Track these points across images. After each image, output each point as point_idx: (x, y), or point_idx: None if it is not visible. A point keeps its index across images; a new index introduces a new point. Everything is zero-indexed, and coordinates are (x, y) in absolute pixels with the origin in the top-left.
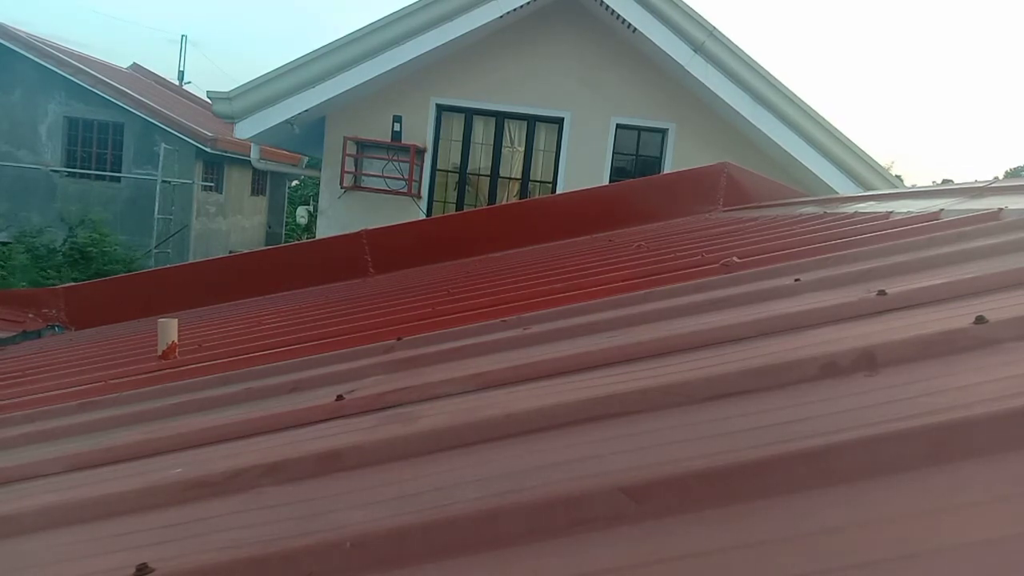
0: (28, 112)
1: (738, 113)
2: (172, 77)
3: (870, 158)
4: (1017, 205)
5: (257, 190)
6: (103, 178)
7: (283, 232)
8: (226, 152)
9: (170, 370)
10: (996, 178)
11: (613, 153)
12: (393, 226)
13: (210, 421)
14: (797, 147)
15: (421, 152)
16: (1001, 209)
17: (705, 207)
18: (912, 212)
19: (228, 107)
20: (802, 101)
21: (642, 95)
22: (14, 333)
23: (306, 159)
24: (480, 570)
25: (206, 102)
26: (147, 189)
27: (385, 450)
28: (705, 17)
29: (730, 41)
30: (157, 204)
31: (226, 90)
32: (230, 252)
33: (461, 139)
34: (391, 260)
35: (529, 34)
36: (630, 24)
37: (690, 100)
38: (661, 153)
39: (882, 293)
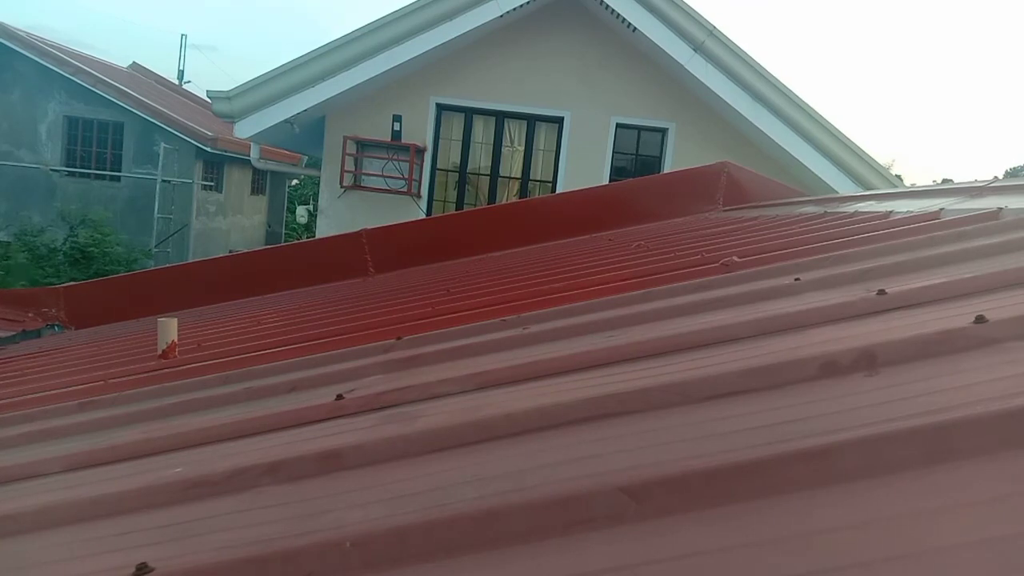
0: (28, 112)
1: (738, 113)
2: (172, 77)
3: (870, 158)
4: (1017, 205)
5: (257, 189)
6: (103, 178)
7: (283, 232)
8: (226, 152)
9: (170, 370)
10: (996, 178)
11: (613, 153)
12: (393, 226)
13: (210, 421)
14: (797, 147)
15: (421, 151)
16: (1001, 209)
17: (705, 207)
18: (912, 212)
19: (228, 106)
20: (802, 101)
21: (642, 95)
22: (14, 333)
23: (306, 158)
24: (480, 570)
25: (206, 102)
26: (147, 189)
27: (385, 450)
28: (705, 17)
29: (730, 40)
30: (157, 204)
31: (226, 90)
32: (230, 251)
33: (461, 138)
34: (391, 260)
35: (529, 33)
36: (630, 23)
37: (690, 99)
38: (661, 153)
39: (882, 293)
